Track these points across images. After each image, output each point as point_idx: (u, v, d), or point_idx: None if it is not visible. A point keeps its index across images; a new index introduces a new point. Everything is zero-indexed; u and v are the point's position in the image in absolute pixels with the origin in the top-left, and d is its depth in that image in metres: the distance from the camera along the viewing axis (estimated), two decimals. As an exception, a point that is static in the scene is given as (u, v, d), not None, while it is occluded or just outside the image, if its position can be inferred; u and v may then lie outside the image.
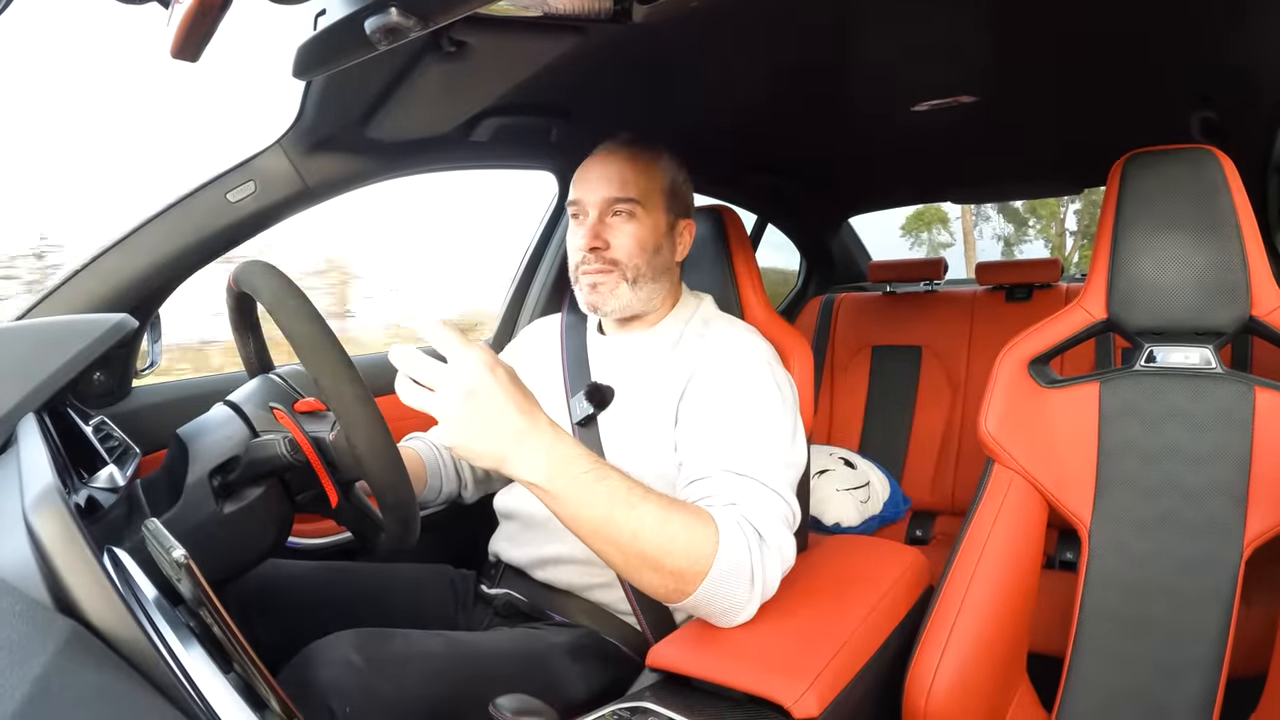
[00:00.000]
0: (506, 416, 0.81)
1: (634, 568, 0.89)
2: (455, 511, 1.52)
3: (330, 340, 0.88)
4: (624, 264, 1.22)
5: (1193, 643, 1.07)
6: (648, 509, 0.88)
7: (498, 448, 0.82)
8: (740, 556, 0.93)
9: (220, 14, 0.72)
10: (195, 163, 1.30)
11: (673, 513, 0.90)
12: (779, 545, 0.99)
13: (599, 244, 1.21)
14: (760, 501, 0.99)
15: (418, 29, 0.78)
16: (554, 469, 0.83)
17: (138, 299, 1.23)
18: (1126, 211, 1.15)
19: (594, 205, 1.23)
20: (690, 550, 0.90)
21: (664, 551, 0.88)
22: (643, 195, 1.23)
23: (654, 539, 0.87)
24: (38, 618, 0.48)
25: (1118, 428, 1.15)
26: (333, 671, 0.89)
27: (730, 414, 1.10)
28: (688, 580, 0.90)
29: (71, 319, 1.04)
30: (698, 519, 0.92)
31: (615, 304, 1.24)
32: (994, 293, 2.60)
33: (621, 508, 0.86)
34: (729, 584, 0.92)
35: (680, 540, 0.89)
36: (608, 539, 0.87)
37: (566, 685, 1.08)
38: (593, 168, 1.25)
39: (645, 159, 1.25)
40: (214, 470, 0.91)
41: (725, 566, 0.91)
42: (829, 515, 2.28)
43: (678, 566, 0.89)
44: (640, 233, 1.22)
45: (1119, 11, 1.18)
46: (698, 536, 0.90)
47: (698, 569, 0.90)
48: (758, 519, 0.97)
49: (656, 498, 0.90)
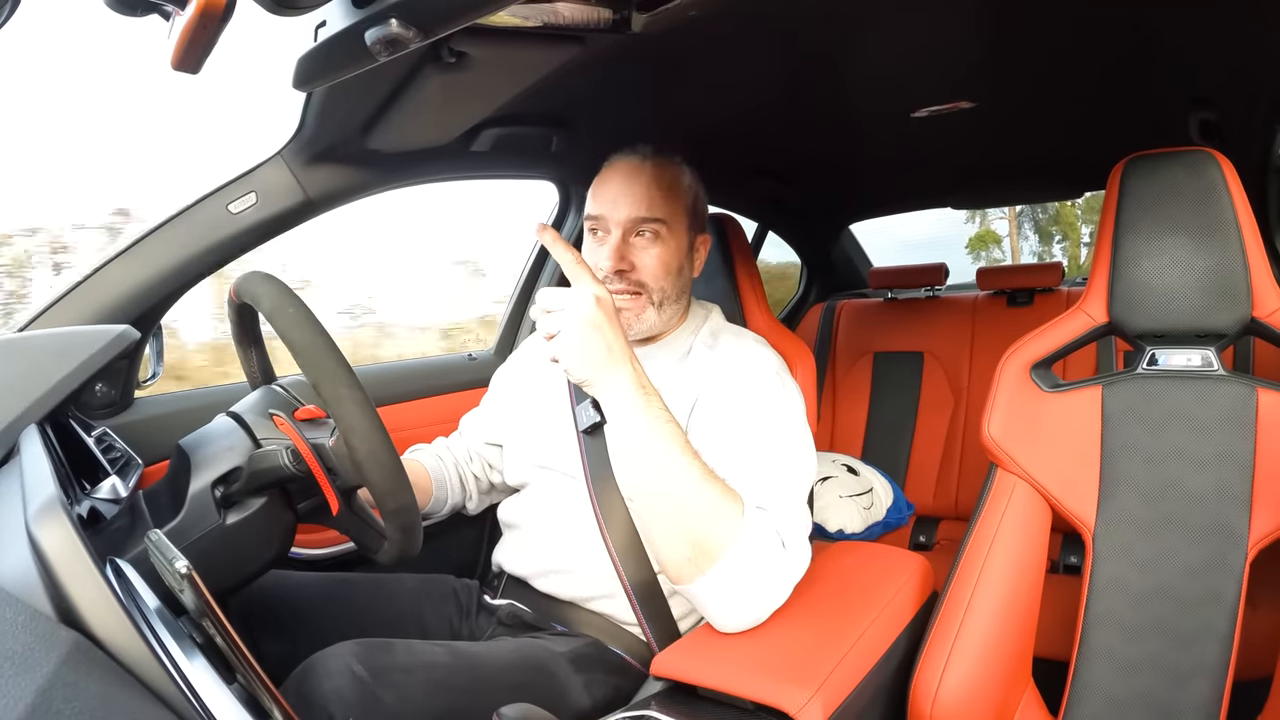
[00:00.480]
0: (610, 346, 0.95)
1: (664, 517, 0.95)
2: (458, 522, 1.52)
3: (329, 346, 0.89)
4: (650, 287, 1.20)
5: (1198, 646, 1.06)
6: (697, 464, 0.96)
7: (595, 368, 0.95)
8: (759, 552, 0.95)
9: (221, 26, 0.72)
10: (197, 174, 1.30)
11: (714, 479, 0.96)
12: (796, 558, 1.00)
13: (624, 266, 1.18)
14: (786, 511, 1.01)
15: (418, 40, 0.78)
16: (634, 398, 0.95)
17: (140, 310, 1.23)
18: (1126, 215, 1.15)
19: (618, 224, 1.18)
20: (718, 521, 0.94)
21: (695, 510, 0.93)
22: (668, 215, 1.20)
23: (692, 492, 0.94)
24: (40, 629, 0.48)
25: (1121, 431, 1.15)
26: (336, 682, 0.89)
27: (748, 427, 1.10)
28: (705, 554, 0.93)
29: (74, 330, 1.04)
30: (732, 499, 0.97)
31: (641, 328, 1.22)
32: (995, 298, 2.60)
33: (676, 451, 0.95)
34: (742, 575, 0.93)
35: (712, 507, 0.94)
36: (653, 478, 0.95)
37: (570, 695, 1.07)
38: (615, 183, 1.20)
39: (670, 176, 1.22)
40: (216, 481, 0.91)
41: (743, 554, 0.93)
42: (832, 522, 2.27)
43: (701, 534, 0.93)
44: (665, 255, 1.20)
45: (1116, 15, 1.18)
46: (728, 512, 0.95)
47: (718, 545, 0.93)
48: (783, 526, 0.99)
49: (703, 462, 0.97)
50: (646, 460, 0.95)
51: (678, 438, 0.96)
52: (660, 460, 0.94)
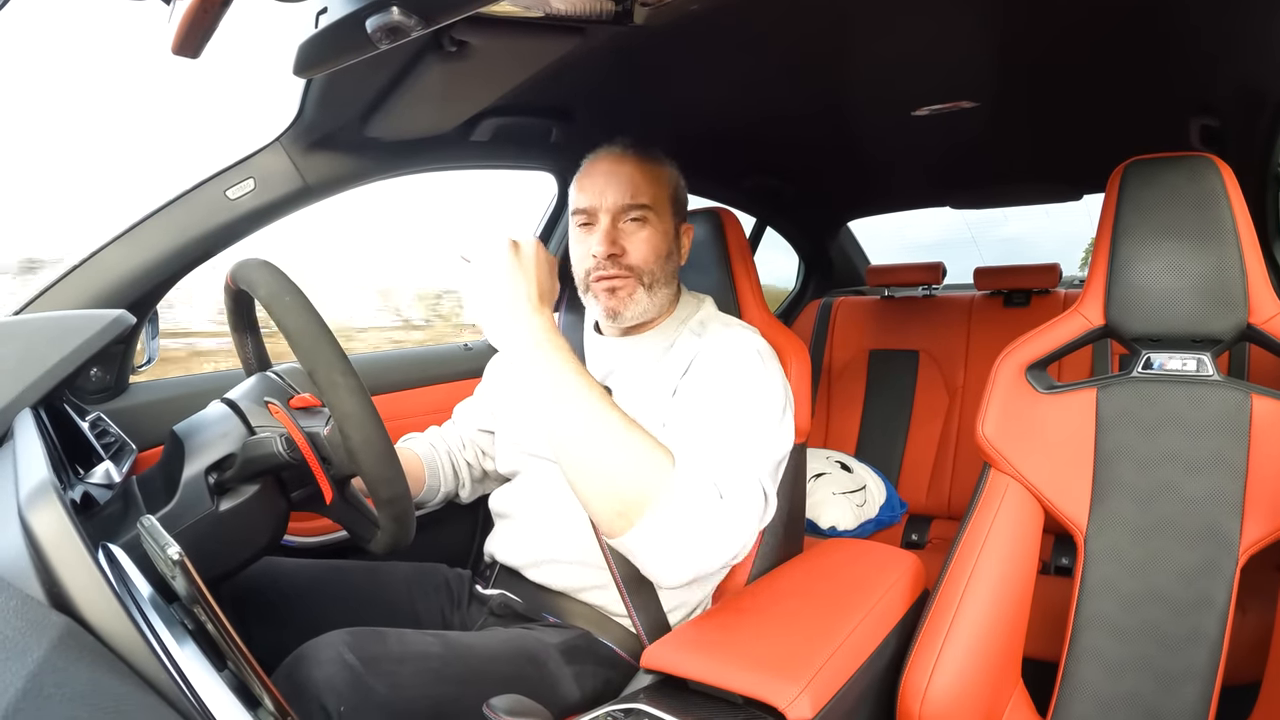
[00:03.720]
0: (516, 293, 0.96)
1: (588, 472, 0.93)
2: (451, 511, 1.52)
3: (325, 334, 0.89)
4: (641, 269, 1.22)
5: (1188, 650, 1.07)
6: (615, 415, 0.94)
7: (497, 313, 0.96)
8: (693, 501, 0.92)
9: (221, 11, 0.72)
10: (195, 158, 1.29)
11: (638, 433, 0.94)
12: (738, 513, 0.96)
13: (616, 250, 1.21)
14: (728, 467, 0.98)
15: (419, 28, 0.78)
16: (543, 350, 0.95)
17: (136, 295, 1.23)
18: (1125, 218, 1.15)
19: (607, 211, 1.21)
20: (645, 473, 0.92)
21: (620, 463, 0.92)
22: (654, 201, 1.22)
23: (614, 446, 0.92)
24: (31, 613, 0.48)
25: (1115, 434, 1.15)
26: (327, 670, 0.89)
27: (714, 394, 1.09)
28: (633, 506, 0.91)
29: (69, 314, 1.04)
30: (660, 450, 0.95)
31: (634, 310, 1.23)
32: (992, 298, 2.61)
33: (594, 403, 0.93)
34: (674, 525, 0.91)
35: (638, 459, 0.92)
36: (570, 432, 0.93)
37: (561, 686, 1.07)
38: (600, 174, 1.23)
39: (652, 165, 1.25)
40: (210, 467, 0.91)
41: (675, 504, 0.91)
42: (825, 519, 2.28)
43: (629, 488, 0.91)
44: (654, 238, 1.23)
45: (1120, 18, 1.18)
46: (656, 463, 0.93)
47: (648, 495, 0.91)
48: (721, 479, 0.96)
49: (625, 415, 0.95)
50: (559, 412, 0.94)
51: (593, 389, 0.95)
52: (574, 411, 0.93)
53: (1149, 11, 1.16)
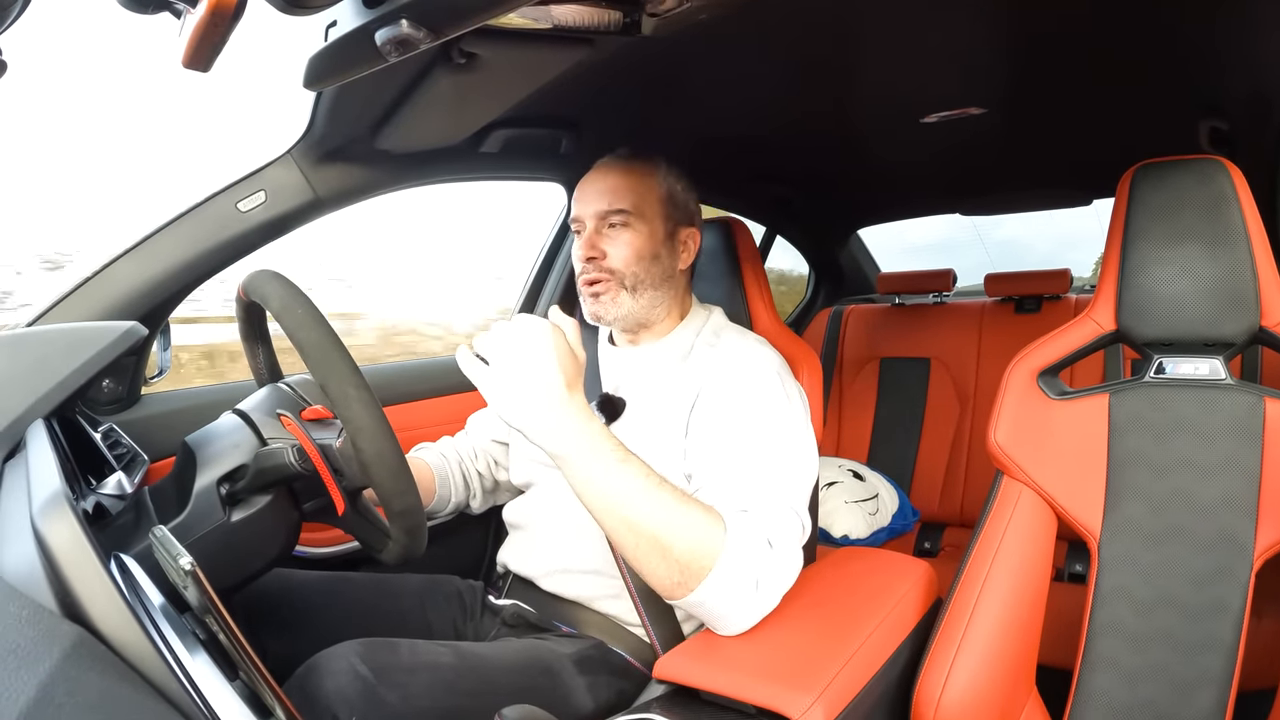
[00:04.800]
0: (548, 385, 0.90)
1: (643, 551, 0.93)
2: (463, 522, 1.53)
3: (337, 346, 0.89)
4: (621, 271, 1.23)
5: (1203, 656, 1.06)
6: (664, 494, 0.93)
7: (530, 413, 0.90)
8: (746, 559, 0.94)
9: (232, 24, 0.72)
10: (207, 172, 1.31)
11: (687, 504, 0.95)
12: (787, 556, 1.00)
13: (595, 254, 1.23)
14: (771, 511, 1.01)
15: (428, 41, 0.78)
16: (580, 442, 0.91)
17: (148, 307, 1.24)
18: (1135, 222, 1.14)
19: (590, 219, 1.25)
20: (699, 543, 0.93)
21: (673, 538, 0.92)
22: (636, 205, 1.23)
23: (666, 524, 0.92)
24: (44, 623, 0.48)
25: (1127, 439, 1.14)
26: (339, 681, 0.89)
27: (742, 427, 1.10)
28: (692, 574, 0.93)
29: (81, 326, 1.05)
30: (710, 515, 0.96)
31: (617, 312, 1.25)
32: (1003, 304, 2.60)
33: (640, 487, 0.92)
34: (732, 585, 0.93)
35: (690, 531, 0.93)
36: (623, 516, 0.91)
37: (573, 697, 1.07)
38: (588, 184, 1.27)
39: (640, 170, 1.26)
40: (222, 478, 0.91)
41: (730, 566, 0.93)
42: (837, 527, 2.27)
43: (685, 558, 0.92)
44: (636, 241, 1.23)
45: (1127, 21, 1.18)
46: (708, 531, 0.94)
47: (704, 563, 0.92)
48: (768, 527, 0.99)
49: (672, 488, 0.95)
50: (610, 504, 0.92)
51: (639, 471, 0.93)
52: (624, 497, 0.91)
53: (1155, 15, 1.16)
